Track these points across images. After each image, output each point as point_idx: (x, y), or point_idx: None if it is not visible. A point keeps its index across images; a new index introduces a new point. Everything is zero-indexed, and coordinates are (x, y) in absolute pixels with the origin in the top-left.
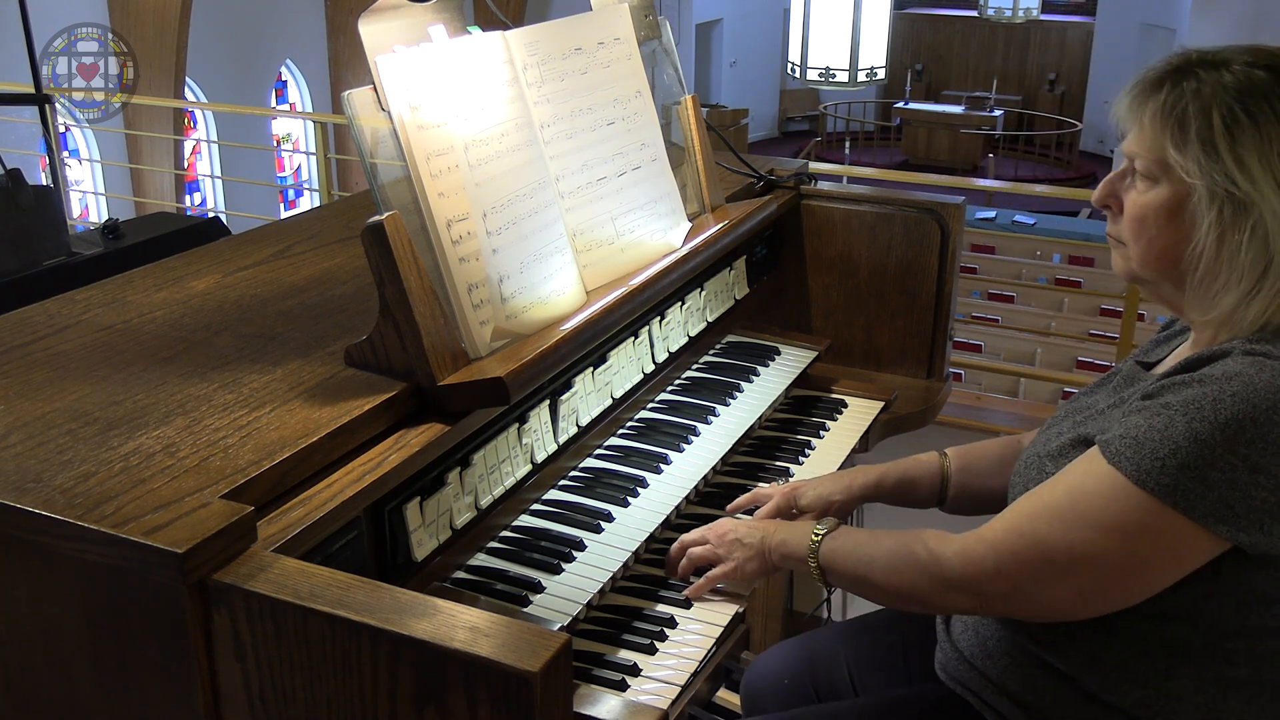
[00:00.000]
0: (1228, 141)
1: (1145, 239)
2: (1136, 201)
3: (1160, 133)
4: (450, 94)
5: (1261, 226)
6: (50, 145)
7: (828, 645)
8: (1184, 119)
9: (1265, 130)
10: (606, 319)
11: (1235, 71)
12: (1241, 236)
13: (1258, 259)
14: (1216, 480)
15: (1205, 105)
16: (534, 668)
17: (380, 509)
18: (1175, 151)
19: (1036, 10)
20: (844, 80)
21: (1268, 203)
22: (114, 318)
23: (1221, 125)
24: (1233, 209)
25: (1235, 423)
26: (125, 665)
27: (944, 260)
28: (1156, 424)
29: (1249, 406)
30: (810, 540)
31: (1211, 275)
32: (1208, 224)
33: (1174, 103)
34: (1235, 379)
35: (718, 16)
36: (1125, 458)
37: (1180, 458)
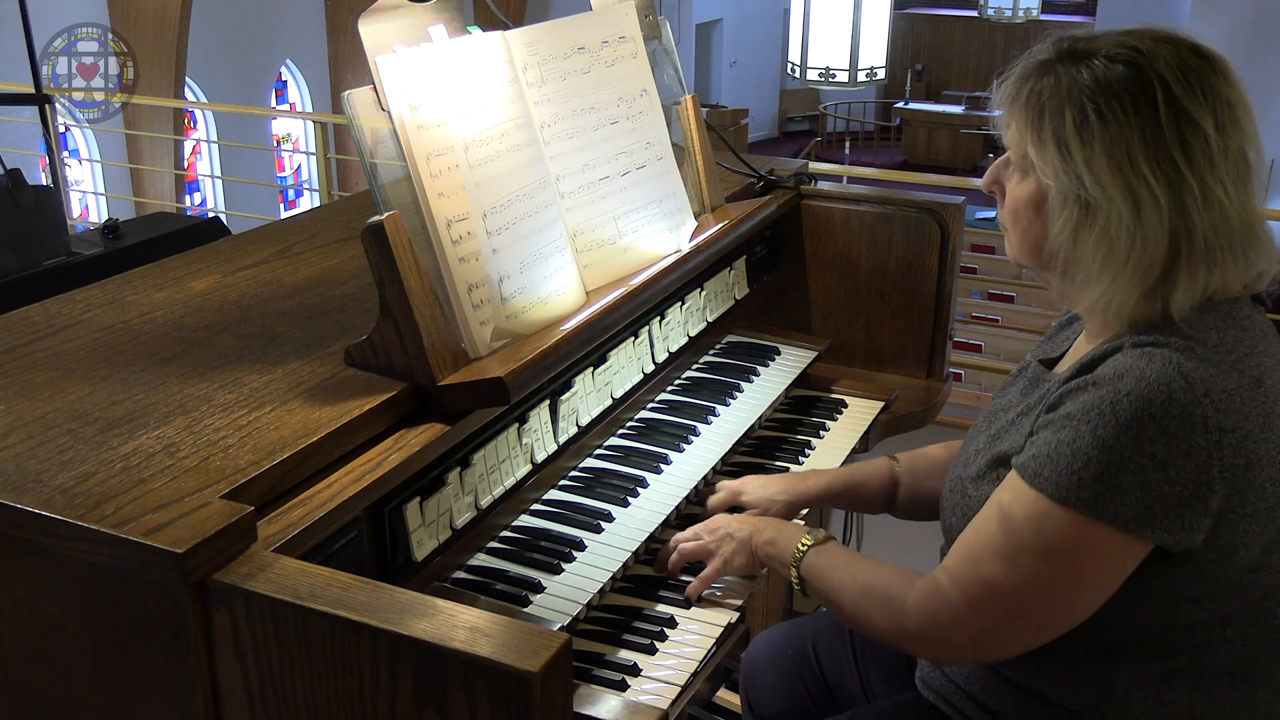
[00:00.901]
0: (1079, 142)
1: (1020, 229)
2: (1012, 192)
3: (1023, 128)
4: (450, 94)
5: (1109, 229)
6: (50, 145)
7: (832, 624)
8: (1041, 117)
9: (1114, 132)
10: (606, 319)
11: (1094, 67)
12: (1091, 236)
13: (1108, 259)
14: (1131, 485)
15: (1060, 104)
16: (534, 668)
17: (380, 509)
18: (1034, 149)
19: (1036, 10)
20: (844, 80)
21: (1114, 206)
22: (114, 318)
23: (1073, 126)
24: (1082, 210)
25: (1136, 423)
26: (125, 665)
27: (944, 260)
28: (1064, 438)
29: (1144, 403)
30: (796, 550)
31: (1071, 269)
32: (1061, 221)
33: (1035, 98)
34: (1127, 376)
35: (718, 16)
36: (1043, 478)
37: (1093, 468)
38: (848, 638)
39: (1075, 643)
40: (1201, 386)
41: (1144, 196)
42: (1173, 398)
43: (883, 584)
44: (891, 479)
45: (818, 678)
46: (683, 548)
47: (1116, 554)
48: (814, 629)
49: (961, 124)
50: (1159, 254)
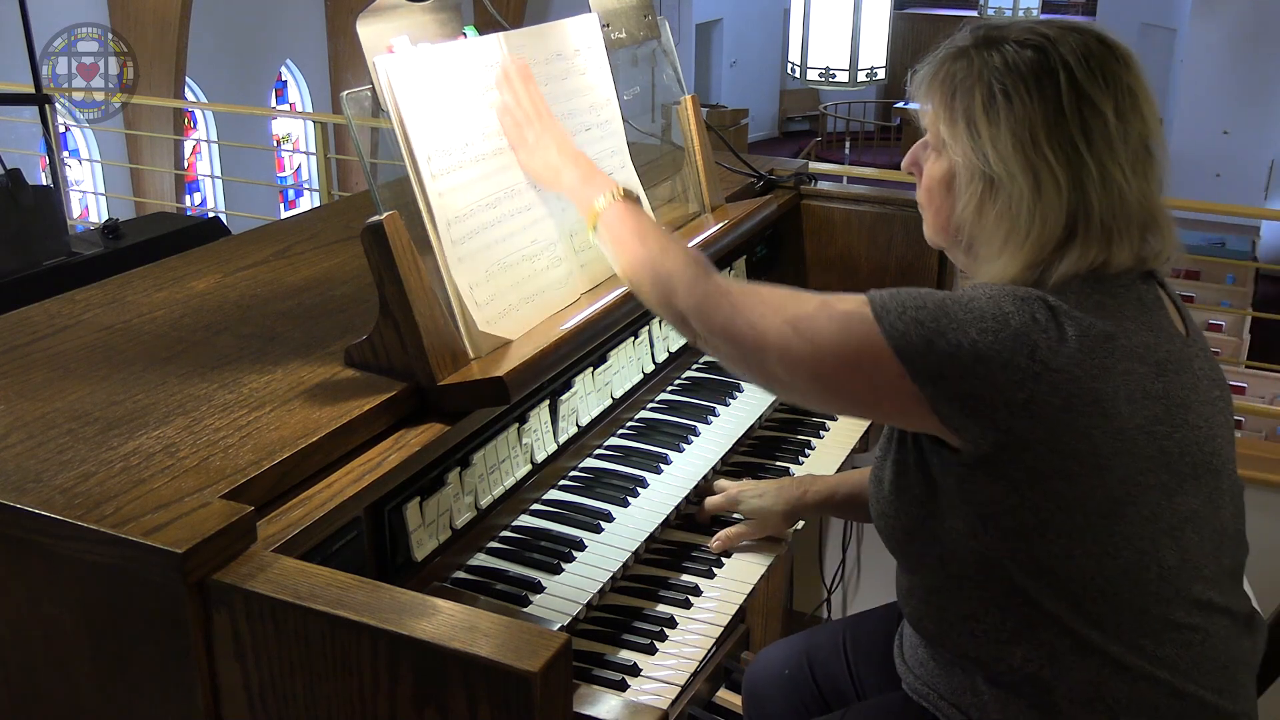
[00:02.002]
0: (985, 121)
1: (933, 207)
2: (928, 171)
3: (938, 108)
4: (448, 94)
5: (1010, 204)
6: (50, 145)
7: (828, 640)
8: (953, 97)
9: (1019, 112)
10: (606, 319)
11: (1005, 51)
12: (994, 212)
13: (1011, 233)
14: (940, 347)
15: (971, 85)
16: (534, 668)
17: (380, 509)
18: (946, 128)
19: (1036, 10)
20: (844, 80)
21: (1016, 183)
22: (114, 318)
23: (982, 105)
24: (986, 186)
25: (978, 313)
26: (125, 665)
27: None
28: (923, 290)
29: (995, 306)
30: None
31: (977, 245)
32: (967, 197)
33: (949, 80)
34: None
35: (718, 16)
36: (879, 298)
37: (921, 315)
38: (842, 646)
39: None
40: (1045, 323)
41: (1044, 175)
42: (1018, 314)
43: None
44: None
45: (815, 694)
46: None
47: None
48: (810, 645)
49: None
50: (1056, 231)
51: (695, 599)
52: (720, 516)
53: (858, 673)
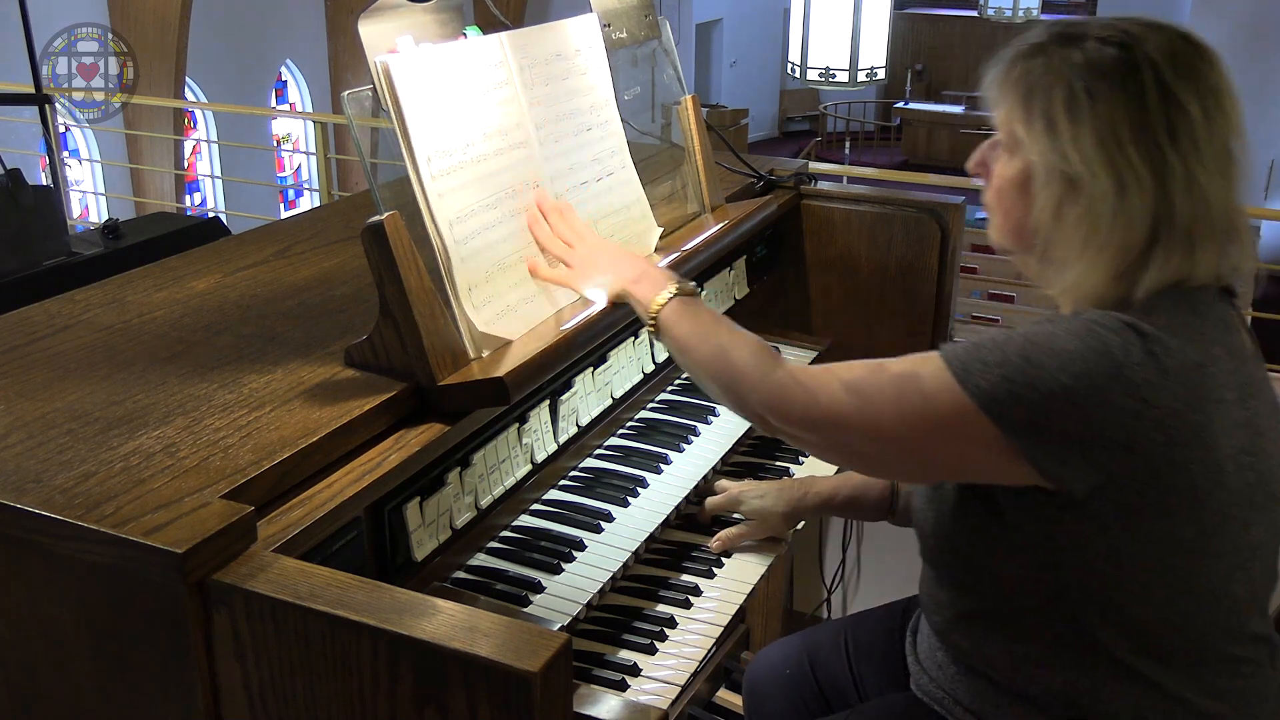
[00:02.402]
0: (1067, 119)
1: (1004, 209)
2: (998, 172)
3: (1013, 107)
4: (449, 94)
5: (1093, 206)
6: (50, 145)
7: (829, 639)
8: (1031, 96)
9: (1102, 111)
10: (606, 319)
11: (1086, 48)
12: (1075, 214)
13: (1091, 237)
14: (1031, 400)
15: (1050, 83)
16: (534, 668)
17: (380, 509)
18: (1022, 127)
19: (1036, 10)
20: (844, 80)
21: (1099, 183)
22: (114, 318)
23: (1063, 103)
24: (1067, 187)
25: (1067, 355)
26: (125, 665)
27: (944, 260)
28: (998, 338)
29: (1083, 345)
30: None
31: (1053, 249)
32: (1045, 198)
33: (1025, 78)
34: (1076, 321)
35: (718, 16)
36: (956, 355)
37: (1006, 370)
38: (843, 645)
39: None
40: (1140, 357)
41: (1128, 176)
42: (1109, 351)
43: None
44: (889, 487)
45: (816, 693)
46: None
47: (981, 443)
48: (811, 644)
49: (961, 124)
50: (1140, 235)
51: (695, 599)
52: (720, 517)
53: (858, 672)
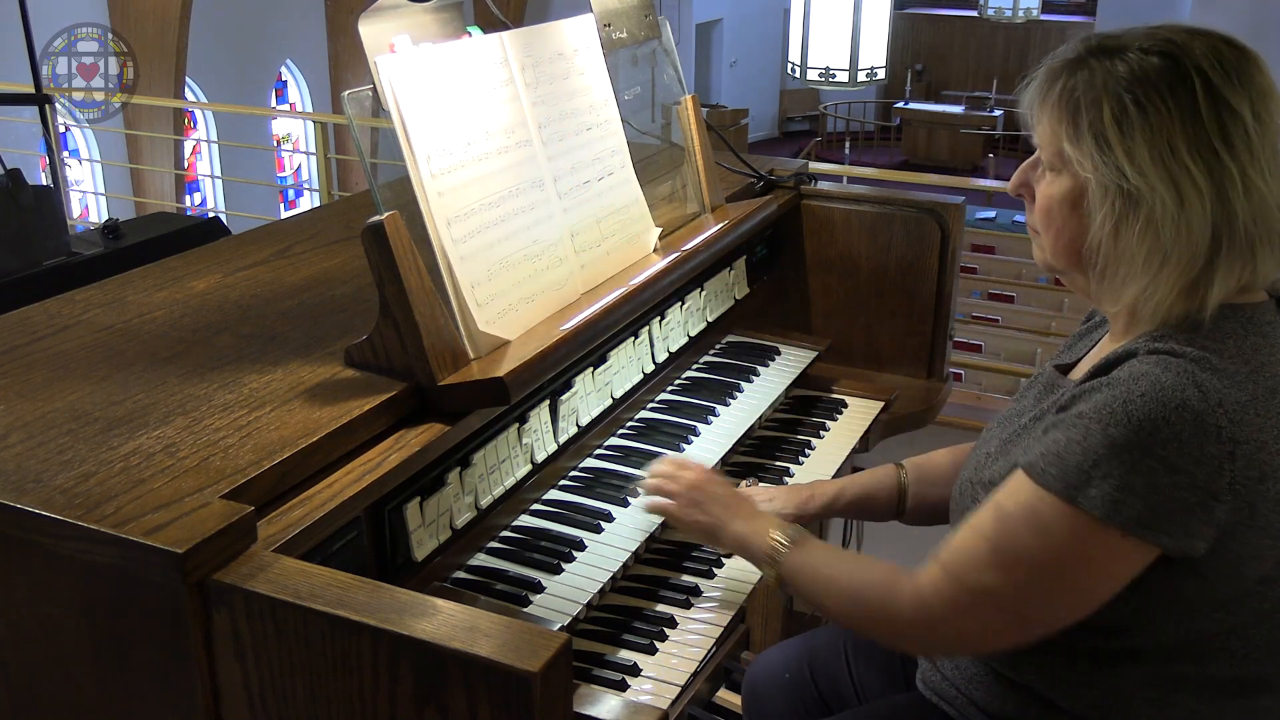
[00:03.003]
0: (1118, 134)
1: (1054, 229)
2: (1044, 192)
3: (1057, 125)
4: (449, 94)
5: (1153, 219)
6: (50, 145)
7: (829, 642)
8: (1077, 112)
9: (1155, 121)
10: (606, 319)
11: (1129, 60)
12: (1135, 229)
13: (1152, 252)
14: (1139, 486)
15: (1097, 97)
16: (534, 668)
17: (380, 509)
18: (1070, 144)
19: (1036, 10)
20: (844, 80)
21: (1158, 195)
22: (114, 318)
23: (1112, 117)
24: (1125, 202)
25: (1149, 424)
26: (125, 665)
27: (944, 260)
28: (1075, 436)
29: (1158, 405)
30: (769, 549)
31: (1112, 267)
32: (1102, 217)
33: (1069, 95)
34: (1142, 379)
35: (718, 16)
36: (1051, 475)
37: (1103, 468)
38: (842, 648)
39: (1080, 648)
40: (1215, 396)
41: (1186, 185)
42: (1186, 404)
43: (871, 589)
44: (898, 487)
45: (815, 697)
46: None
47: (1117, 557)
48: (810, 647)
49: (961, 124)
50: (1202, 244)
51: (695, 599)
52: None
53: (859, 676)
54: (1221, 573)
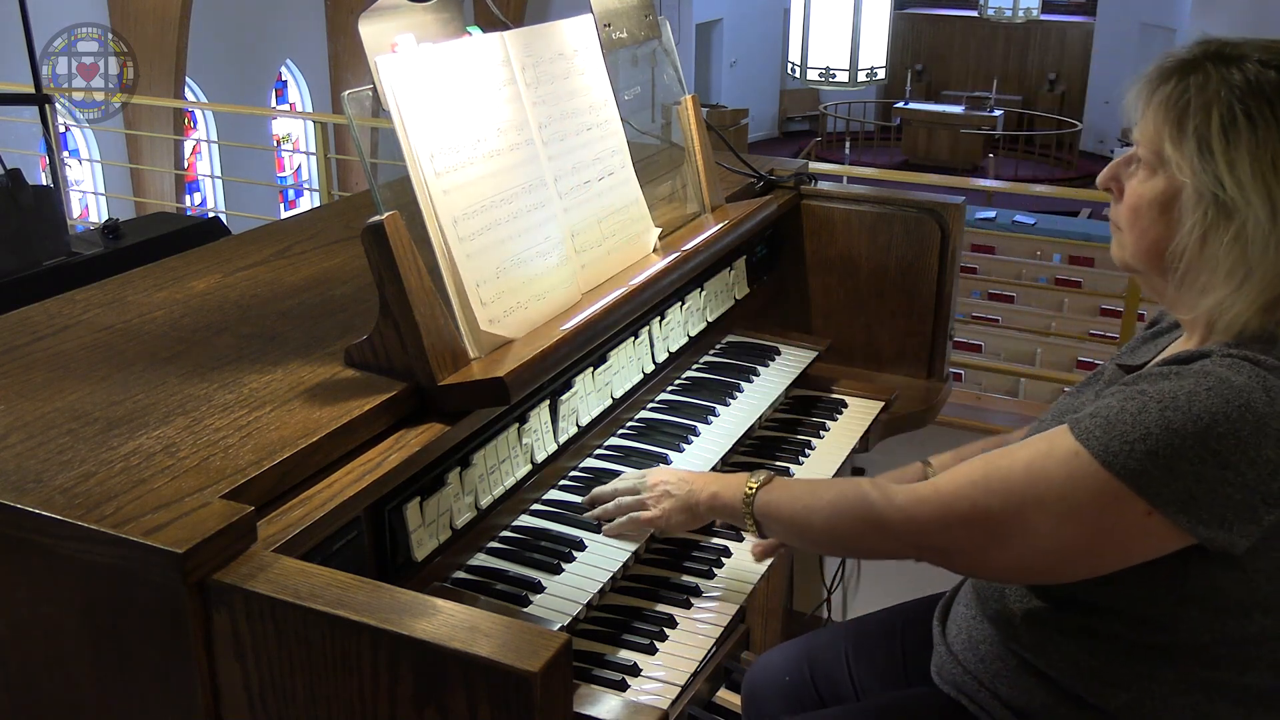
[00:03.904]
0: (1223, 143)
1: (1139, 228)
2: (1134, 190)
3: (1161, 124)
4: (450, 94)
5: (1244, 233)
6: (50, 145)
7: (829, 644)
8: (1184, 114)
9: (1262, 136)
10: (606, 319)
11: (1246, 70)
12: (1223, 240)
13: (1237, 265)
14: (1184, 471)
15: (1207, 102)
16: (534, 668)
17: (380, 509)
18: (1172, 146)
19: (1036, 10)
20: (844, 80)
21: (1252, 210)
22: (114, 318)
23: (1219, 125)
24: (1218, 211)
25: (1209, 416)
26: (125, 665)
27: (944, 260)
28: (1130, 407)
29: (1223, 403)
30: (745, 492)
31: (1193, 274)
32: (1192, 223)
33: (1178, 96)
34: (1211, 376)
35: (718, 16)
36: (1094, 436)
37: (1150, 444)
38: (843, 650)
39: (1121, 642)
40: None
41: None
42: (1250, 406)
43: (852, 495)
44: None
45: (815, 700)
46: (621, 501)
47: (1135, 530)
48: (810, 649)
49: (961, 124)
50: None
51: (695, 599)
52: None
53: (859, 678)
54: (1266, 573)
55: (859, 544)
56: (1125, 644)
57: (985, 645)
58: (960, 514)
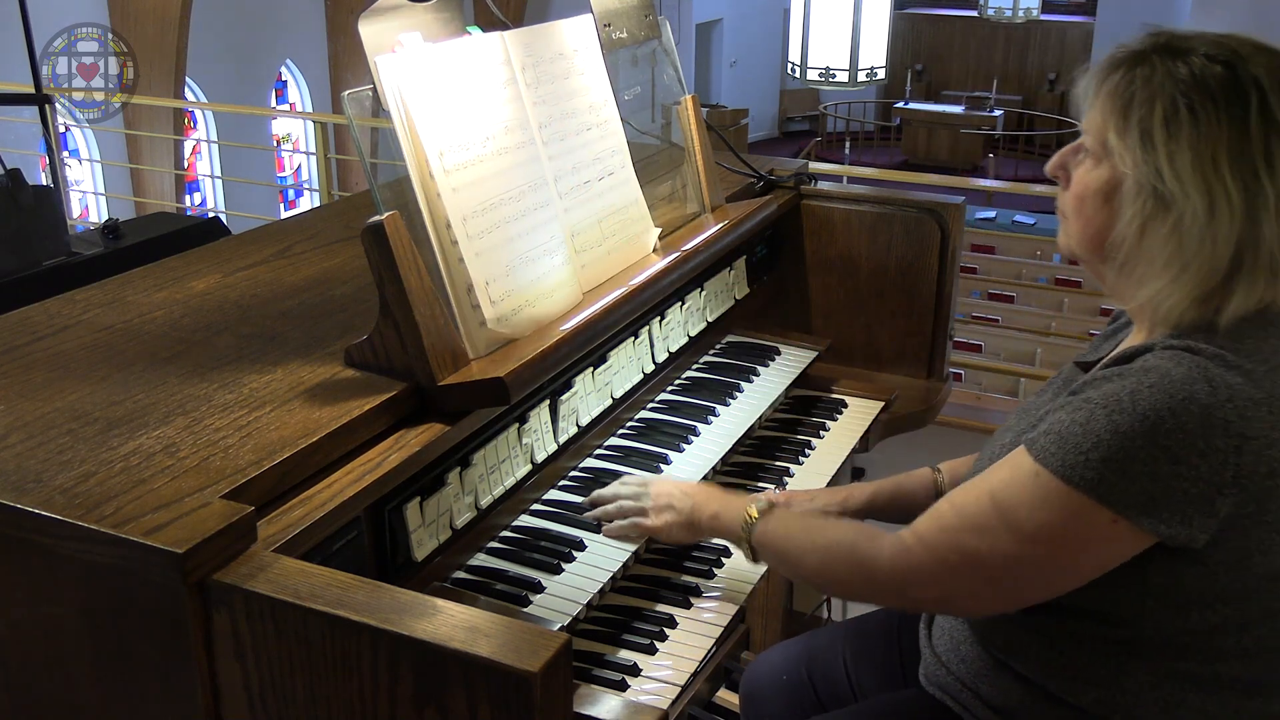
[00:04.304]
0: (1165, 135)
1: (1083, 217)
2: (1080, 179)
3: (1107, 115)
4: (450, 94)
5: (1181, 226)
6: (50, 145)
7: (828, 644)
8: (1129, 105)
9: (1204, 130)
10: (606, 319)
11: (1192, 63)
12: (1161, 232)
13: (1174, 257)
14: (1138, 473)
15: (1152, 95)
16: (534, 668)
17: (380, 509)
18: (1116, 136)
19: (1036, 10)
20: (844, 80)
21: (1190, 203)
22: (114, 318)
23: (1162, 118)
24: (1157, 203)
25: (1154, 414)
26: (125, 665)
27: (944, 260)
28: (1078, 418)
29: (1167, 398)
30: (745, 519)
31: (1132, 264)
32: (1132, 213)
33: (1125, 87)
34: (1153, 372)
35: (718, 16)
36: (1050, 453)
37: (1102, 450)
38: (841, 650)
39: (1086, 639)
40: (1225, 391)
41: (1220, 198)
42: (1194, 398)
43: (846, 542)
44: (935, 489)
45: (813, 699)
46: (623, 505)
47: (1105, 539)
48: (808, 649)
49: (961, 124)
50: (1223, 259)
51: (695, 599)
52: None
53: (857, 677)
54: (1225, 564)
55: (850, 591)
56: (1093, 642)
57: (966, 646)
58: (945, 561)
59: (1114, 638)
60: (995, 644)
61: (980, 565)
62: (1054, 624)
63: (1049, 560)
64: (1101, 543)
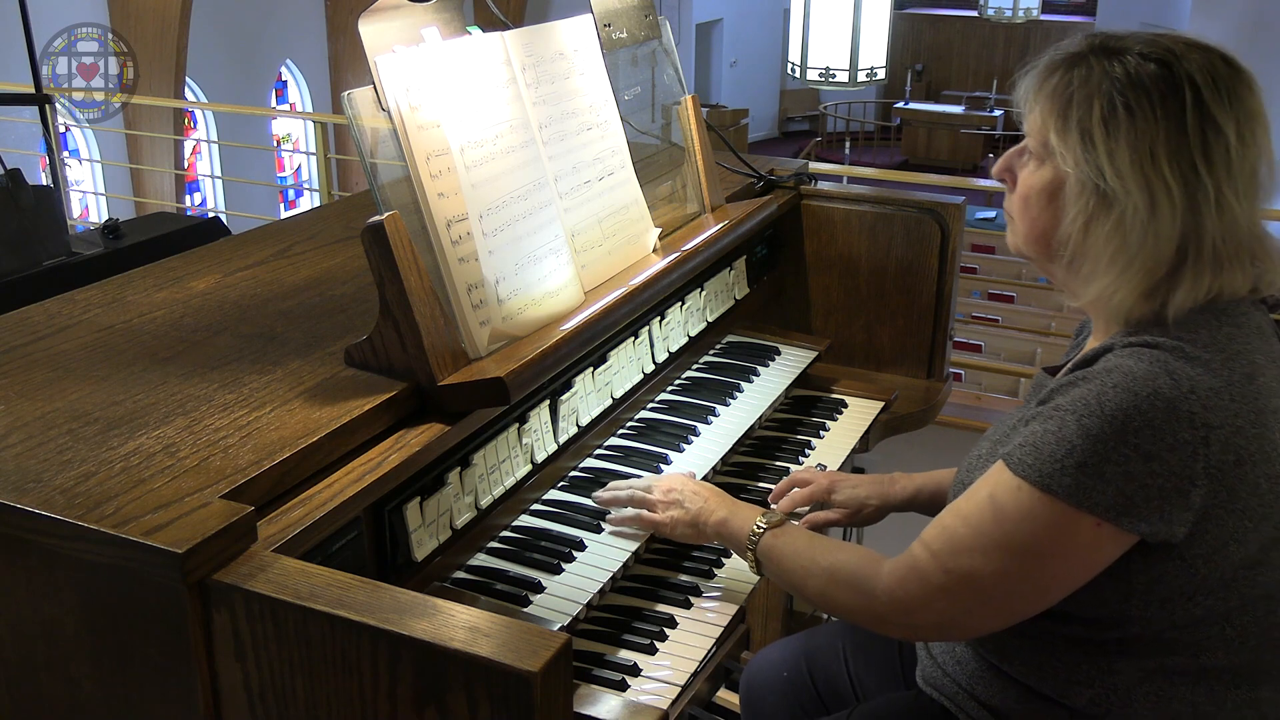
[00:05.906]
0: (1104, 133)
1: (1029, 217)
2: (1025, 180)
3: (1048, 116)
4: (450, 94)
5: (1123, 222)
6: (50, 145)
7: (827, 642)
8: (1069, 106)
9: (1140, 127)
10: (606, 319)
11: (1127, 62)
12: (1104, 229)
13: (1118, 253)
14: (1113, 474)
15: (1090, 95)
16: (534, 668)
17: (380, 509)
18: (1057, 137)
19: (1036, 10)
20: (844, 80)
21: (1131, 199)
22: (114, 318)
23: (1100, 117)
24: (1099, 201)
25: (1122, 413)
26: (125, 665)
27: (944, 260)
28: (1051, 427)
29: (1132, 395)
30: (752, 530)
31: (1078, 261)
32: (1076, 211)
33: (1064, 88)
34: (1115, 371)
35: (718, 16)
36: (1028, 465)
37: (1077, 456)
38: (840, 647)
39: (1075, 642)
40: (1188, 383)
41: (1160, 194)
42: (1158, 393)
43: (848, 567)
44: None
45: (813, 696)
46: (634, 493)
47: (1092, 544)
48: (808, 646)
49: (961, 124)
50: (1167, 253)
51: (695, 599)
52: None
53: (857, 675)
54: (1203, 556)
55: (850, 617)
56: (1082, 644)
57: (961, 650)
58: (943, 586)
59: (1102, 639)
60: (988, 649)
61: (976, 585)
62: (1043, 629)
63: (1040, 572)
64: (1088, 549)
